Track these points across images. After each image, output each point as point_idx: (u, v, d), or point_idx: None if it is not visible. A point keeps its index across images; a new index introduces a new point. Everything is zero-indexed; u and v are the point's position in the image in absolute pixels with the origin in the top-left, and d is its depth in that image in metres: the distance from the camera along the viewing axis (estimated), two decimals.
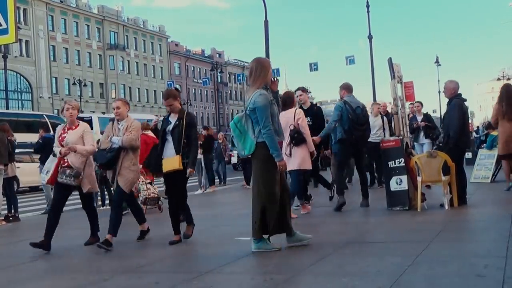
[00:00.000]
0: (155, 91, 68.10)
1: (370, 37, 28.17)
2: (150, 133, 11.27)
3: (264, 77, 5.18)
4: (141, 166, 7.30)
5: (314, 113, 8.70)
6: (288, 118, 7.42)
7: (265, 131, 4.99)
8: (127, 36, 64.84)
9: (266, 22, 22.00)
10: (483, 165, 11.81)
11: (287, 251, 5.25)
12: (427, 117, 11.43)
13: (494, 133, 12.39)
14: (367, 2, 28.27)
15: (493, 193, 9.50)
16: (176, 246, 5.89)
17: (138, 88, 65.66)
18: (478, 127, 32.33)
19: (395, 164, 7.55)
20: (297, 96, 8.32)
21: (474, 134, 26.53)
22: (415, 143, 11.19)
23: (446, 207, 7.26)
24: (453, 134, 7.46)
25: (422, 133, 11.22)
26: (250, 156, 5.20)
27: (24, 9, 50.11)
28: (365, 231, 6.17)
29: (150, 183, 9.89)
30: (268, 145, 5.01)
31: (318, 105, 10.12)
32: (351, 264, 4.41)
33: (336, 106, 8.08)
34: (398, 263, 4.27)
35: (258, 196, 5.14)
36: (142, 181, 9.69)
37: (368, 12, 28.27)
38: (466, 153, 12.84)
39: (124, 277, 4.53)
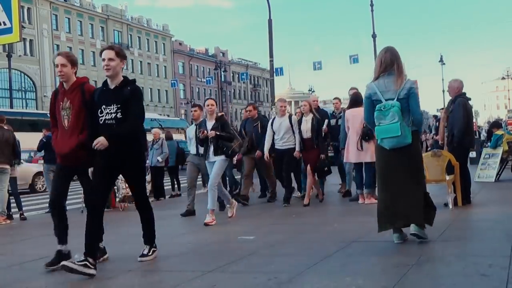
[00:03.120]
0: (159, 90, 68.20)
1: (374, 36, 28.13)
2: None
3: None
4: None
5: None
6: (360, 115, 7.99)
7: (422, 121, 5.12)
8: (131, 35, 64.92)
9: (269, 21, 22.02)
10: (487, 164, 11.78)
11: (289, 250, 5.24)
12: (221, 123, 7.67)
13: (499, 132, 12.37)
14: (371, 1, 28.24)
15: (497, 192, 9.47)
16: (179, 245, 5.89)
17: (142, 87, 65.63)
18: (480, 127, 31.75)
19: None
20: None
21: (484, 134, 26.38)
22: (206, 161, 7.80)
23: (450, 206, 7.24)
24: (457, 133, 7.44)
25: (211, 147, 7.57)
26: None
27: (28, 8, 50.22)
28: (369, 230, 6.15)
29: None
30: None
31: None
32: (355, 263, 4.41)
33: None
34: (402, 262, 4.26)
35: (421, 184, 5.12)
36: (122, 180, 9.99)
37: (372, 10, 28.27)
38: (470, 152, 12.81)
39: (127, 276, 4.53)
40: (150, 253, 5.05)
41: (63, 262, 4.43)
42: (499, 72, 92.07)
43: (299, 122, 8.99)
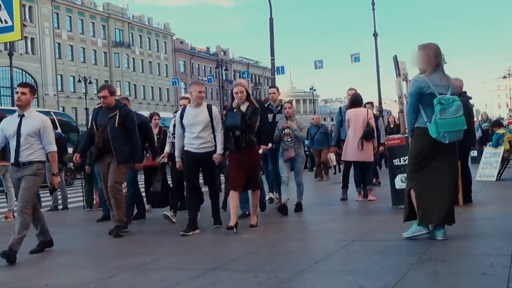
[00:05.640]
0: (160, 88, 68.23)
1: (375, 35, 28.08)
2: None
3: None
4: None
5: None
6: (361, 115, 8.42)
7: None
8: (132, 33, 64.89)
9: (271, 19, 22.01)
10: (488, 163, 11.77)
11: (290, 248, 5.25)
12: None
13: (500, 131, 12.35)
14: (373, 0, 28.18)
15: (498, 191, 9.46)
16: (180, 244, 5.89)
17: (143, 86, 65.74)
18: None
19: (400, 162, 7.55)
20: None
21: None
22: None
23: None
24: None
25: None
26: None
27: (30, 7, 50.20)
28: (370, 229, 6.16)
29: None
30: None
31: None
32: (356, 262, 4.41)
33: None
34: (402, 261, 4.26)
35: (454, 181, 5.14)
36: None
37: (373, 9, 28.19)
38: (471, 151, 12.80)
39: (129, 275, 4.53)
40: None
41: None
42: (501, 71, 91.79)
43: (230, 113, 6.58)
